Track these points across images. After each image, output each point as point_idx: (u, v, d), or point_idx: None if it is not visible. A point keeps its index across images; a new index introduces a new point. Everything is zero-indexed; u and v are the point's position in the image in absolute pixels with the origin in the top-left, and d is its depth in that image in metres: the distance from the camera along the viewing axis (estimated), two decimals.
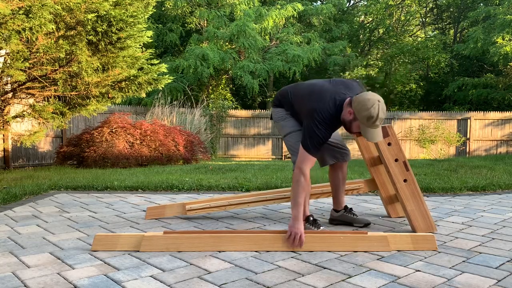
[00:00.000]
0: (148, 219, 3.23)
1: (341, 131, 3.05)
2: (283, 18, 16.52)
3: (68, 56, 5.20)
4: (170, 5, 16.68)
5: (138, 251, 2.38)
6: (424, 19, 23.82)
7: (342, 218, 3.03)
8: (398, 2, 21.78)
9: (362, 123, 2.39)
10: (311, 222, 2.78)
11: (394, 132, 2.77)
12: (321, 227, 2.76)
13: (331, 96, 2.51)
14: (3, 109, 5.90)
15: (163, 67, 6.31)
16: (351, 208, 3.06)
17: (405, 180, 2.75)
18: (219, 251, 2.40)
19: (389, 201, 3.27)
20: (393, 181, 2.76)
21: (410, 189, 2.75)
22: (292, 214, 2.45)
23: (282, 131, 2.85)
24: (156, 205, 3.63)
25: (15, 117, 5.75)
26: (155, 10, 6.82)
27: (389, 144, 2.75)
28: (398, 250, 2.42)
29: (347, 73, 15.93)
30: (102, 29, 5.06)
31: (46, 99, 5.94)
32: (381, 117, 2.34)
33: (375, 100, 2.33)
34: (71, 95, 5.85)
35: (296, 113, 2.75)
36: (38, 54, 5.04)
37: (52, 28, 4.54)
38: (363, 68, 19.08)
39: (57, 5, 4.54)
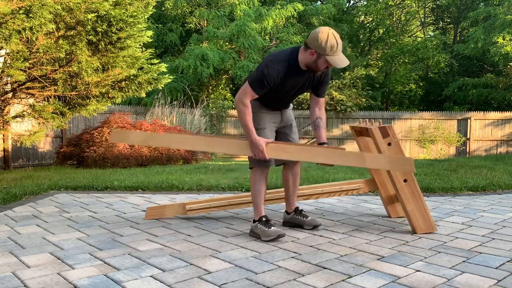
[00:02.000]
0: (148, 219, 3.22)
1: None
2: (283, 18, 16.52)
3: (68, 56, 5.20)
4: (170, 5, 16.68)
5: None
6: (424, 19, 23.83)
7: (293, 220, 2.95)
8: (398, 2, 21.78)
9: (327, 54, 2.49)
10: (263, 222, 2.68)
11: (394, 132, 2.77)
12: (272, 228, 2.63)
13: (290, 48, 2.67)
14: (3, 109, 5.90)
15: (163, 67, 6.31)
16: (301, 210, 2.97)
17: (405, 180, 2.75)
18: (219, 253, 2.40)
19: (389, 201, 3.27)
20: (393, 181, 2.76)
21: (410, 189, 2.75)
22: (247, 139, 2.63)
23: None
24: (156, 205, 3.62)
25: (15, 117, 5.75)
26: (155, 10, 6.83)
27: (389, 144, 2.75)
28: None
29: (347, 73, 15.92)
30: (102, 29, 5.06)
31: (46, 99, 5.93)
32: (339, 42, 2.50)
33: (326, 30, 2.49)
34: (71, 95, 5.85)
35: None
36: (38, 54, 5.04)
37: (52, 28, 4.54)
38: (363, 68, 19.07)
39: (57, 5, 4.54)
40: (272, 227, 2.64)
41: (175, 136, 2.87)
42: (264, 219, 2.70)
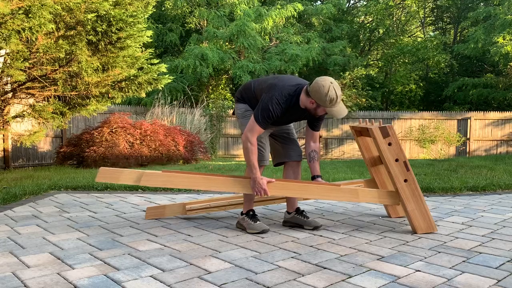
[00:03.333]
0: (148, 219, 3.22)
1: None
2: (283, 18, 16.51)
3: (68, 56, 5.20)
4: (170, 5, 16.67)
5: (139, 184, 2.71)
6: (424, 19, 23.83)
7: (293, 220, 2.99)
8: (398, 2, 21.78)
9: (326, 106, 2.60)
10: (250, 215, 2.87)
11: (394, 132, 2.77)
12: (258, 222, 2.83)
13: (293, 80, 2.75)
14: (3, 109, 5.90)
15: (163, 67, 6.31)
16: (303, 210, 3.01)
17: (405, 180, 2.75)
18: (219, 253, 2.40)
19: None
20: (393, 181, 2.76)
21: (411, 189, 2.76)
22: (251, 176, 2.70)
23: (242, 128, 2.87)
24: (156, 205, 3.63)
25: (15, 117, 5.75)
26: (155, 10, 6.83)
27: (389, 144, 2.75)
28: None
29: (347, 73, 15.92)
30: (102, 29, 5.06)
31: (46, 99, 5.93)
32: (339, 95, 2.58)
33: (328, 84, 2.55)
34: (71, 95, 5.85)
35: (256, 104, 2.80)
36: (38, 54, 5.04)
37: (52, 28, 4.54)
38: (363, 68, 19.07)
39: (57, 5, 4.54)
40: (258, 221, 2.84)
41: (172, 174, 2.75)
42: (251, 212, 2.89)
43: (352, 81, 15.57)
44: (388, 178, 3.15)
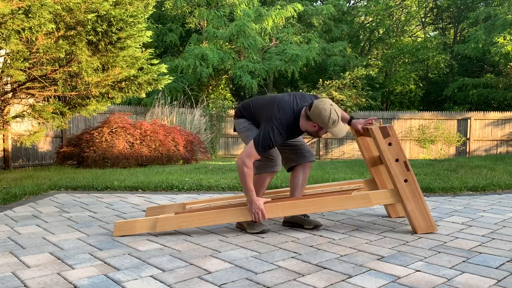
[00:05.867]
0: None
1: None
2: (283, 18, 16.51)
3: (68, 56, 5.20)
4: (170, 5, 16.68)
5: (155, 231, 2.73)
6: (424, 19, 23.82)
7: (293, 219, 3.01)
8: (398, 3, 21.77)
9: (328, 128, 2.67)
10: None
11: (394, 132, 2.77)
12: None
13: (290, 106, 2.74)
14: (3, 109, 5.90)
15: (163, 67, 6.30)
16: None
17: (405, 180, 2.75)
18: (219, 253, 2.40)
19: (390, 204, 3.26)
20: (393, 181, 2.76)
21: (411, 189, 2.75)
22: (247, 199, 2.71)
23: (247, 140, 2.89)
24: (156, 205, 3.62)
25: (15, 117, 5.75)
26: (155, 10, 6.83)
27: (389, 144, 2.75)
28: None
29: (347, 73, 15.90)
30: (102, 29, 5.06)
31: (46, 99, 5.93)
32: (339, 115, 2.67)
33: (328, 107, 2.61)
34: (71, 95, 5.85)
35: (257, 123, 2.84)
36: (38, 54, 5.04)
37: (52, 28, 4.54)
38: (363, 68, 19.07)
39: (57, 5, 4.54)
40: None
41: (185, 215, 2.76)
42: None
43: (352, 81, 15.56)
44: (388, 178, 3.15)
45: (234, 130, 3.06)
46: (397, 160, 2.75)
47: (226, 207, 3.20)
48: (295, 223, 2.98)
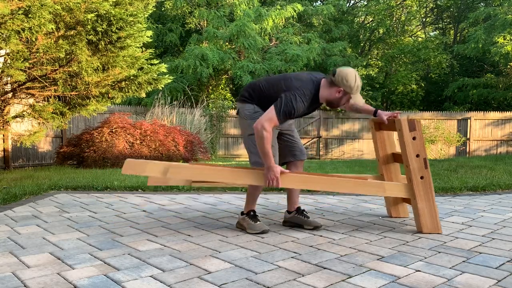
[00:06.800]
0: (147, 220, 3.22)
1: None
2: (283, 19, 16.51)
3: (68, 56, 5.20)
4: (170, 5, 16.68)
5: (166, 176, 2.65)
6: (424, 19, 23.82)
7: (294, 219, 3.00)
8: (398, 2, 21.77)
9: (353, 92, 2.68)
10: (251, 216, 2.87)
11: (420, 128, 2.77)
12: (258, 222, 2.83)
13: (308, 77, 2.74)
14: (3, 109, 5.90)
15: (163, 67, 6.30)
16: (303, 210, 3.01)
17: (421, 177, 2.76)
18: (219, 253, 2.40)
19: (393, 202, 3.27)
20: (410, 176, 2.76)
21: (425, 187, 2.76)
22: (265, 164, 2.64)
23: (248, 129, 2.83)
24: (156, 205, 3.61)
25: (15, 117, 5.75)
26: (155, 9, 6.83)
27: (414, 138, 2.75)
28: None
29: None
30: (102, 28, 5.06)
31: (46, 99, 5.93)
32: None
33: (353, 72, 2.67)
34: (71, 95, 5.85)
35: (268, 103, 2.73)
36: (38, 54, 5.04)
37: (52, 28, 4.54)
38: (363, 68, 19.06)
39: (57, 5, 4.54)
40: (258, 222, 2.84)
41: (199, 167, 2.69)
42: (252, 213, 2.88)
43: None
44: (397, 177, 3.15)
45: (237, 113, 2.96)
46: (417, 156, 2.75)
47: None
48: (295, 224, 2.98)
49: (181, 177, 2.67)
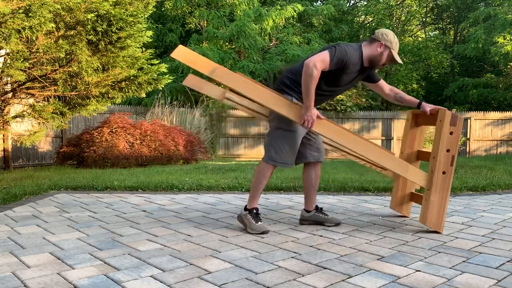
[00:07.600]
0: (147, 220, 3.22)
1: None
2: (283, 19, 16.51)
3: (68, 56, 5.20)
4: (170, 5, 16.67)
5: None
6: (424, 19, 23.82)
7: (313, 218, 3.04)
8: (398, 2, 21.77)
9: (393, 48, 2.79)
10: (253, 214, 2.86)
11: (461, 126, 2.78)
12: (259, 222, 2.82)
13: (347, 44, 2.77)
14: (3, 109, 5.90)
15: (163, 67, 6.30)
16: (321, 208, 3.07)
17: (443, 172, 2.77)
18: (219, 253, 2.40)
19: (399, 202, 3.28)
20: (433, 167, 2.77)
21: (444, 182, 2.77)
22: (304, 104, 2.65)
23: (279, 122, 2.82)
24: (155, 204, 3.61)
25: (15, 117, 5.75)
26: (155, 9, 6.82)
27: (451, 133, 2.76)
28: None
29: None
30: (102, 28, 5.06)
31: (46, 99, 5.93)
32: None
33: (390, 31, 2.81)
34: (71, 95, 5.85)
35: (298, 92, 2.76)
36: (38, 54, 5.03)
37: (52, 28, 4.54)
38: None
39: (57, 5, 4.54)
40: (259, 222, 2.84)
41: (246, 80, 2.66)
42: (255, 211, 2.88)
43: None
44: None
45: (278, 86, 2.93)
46: (448, 151, 2.76)
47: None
48: (315, 222, 3.03)
49: (223, 81, 2.66)
